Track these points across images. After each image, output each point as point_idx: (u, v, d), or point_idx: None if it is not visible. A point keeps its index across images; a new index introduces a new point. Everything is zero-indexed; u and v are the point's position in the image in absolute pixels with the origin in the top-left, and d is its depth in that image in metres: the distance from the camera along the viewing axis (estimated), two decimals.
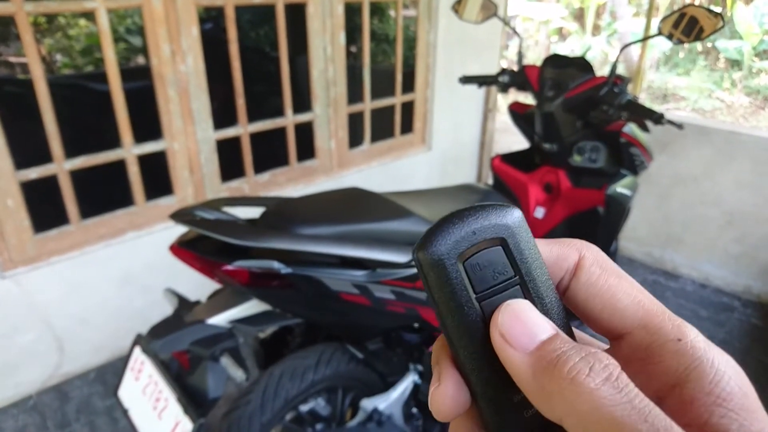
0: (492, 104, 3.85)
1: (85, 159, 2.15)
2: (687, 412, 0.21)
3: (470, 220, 0.25)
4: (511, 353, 0.23)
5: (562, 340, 0.23)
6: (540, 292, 0.26)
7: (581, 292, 0.26)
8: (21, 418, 2.11)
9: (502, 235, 0.25)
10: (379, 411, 1.58)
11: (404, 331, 1.62)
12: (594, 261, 0.26)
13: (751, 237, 2.86)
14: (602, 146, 1.87)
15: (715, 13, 1.50)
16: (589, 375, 0.21)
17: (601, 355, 0.21)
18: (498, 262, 0.25)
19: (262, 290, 1.33)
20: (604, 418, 0.20)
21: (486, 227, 0.25)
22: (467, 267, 0.25)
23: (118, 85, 2.15)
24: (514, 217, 0.26)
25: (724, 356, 0.23)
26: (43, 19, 4.71)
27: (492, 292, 0.25)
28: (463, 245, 0.25)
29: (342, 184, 2.84)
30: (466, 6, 1.94)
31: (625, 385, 0.20)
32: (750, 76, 8.86)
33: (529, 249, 0.26)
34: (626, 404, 0.20)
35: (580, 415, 0.20)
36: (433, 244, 0.25)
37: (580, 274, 0.26)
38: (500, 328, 0.24)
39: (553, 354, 0.22)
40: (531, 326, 0.23)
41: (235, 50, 2.44)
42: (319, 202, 1.52)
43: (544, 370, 0.22)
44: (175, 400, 1.30)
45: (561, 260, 0.27)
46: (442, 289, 0.25)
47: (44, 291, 2.15)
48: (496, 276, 0.25)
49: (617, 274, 0.26)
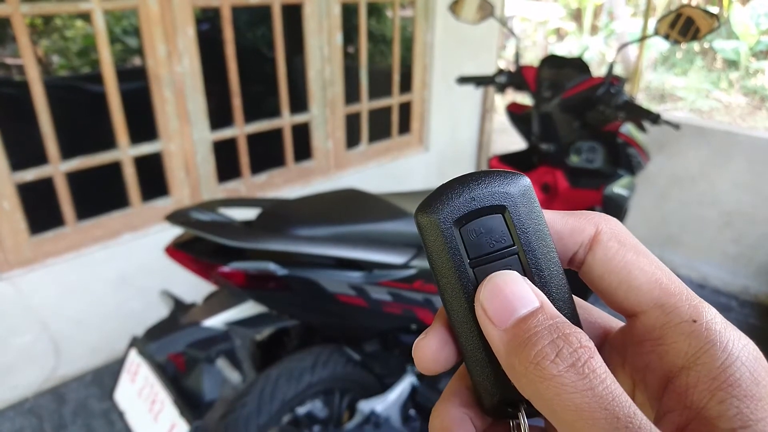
0: (489, 105, 3.85)
1: (81, 160, 2.14)
2: (689, 395, 0.21)
3: (472, 185, 0.25)
4: (489, 328, 0.23)
5: (544, 316, 0.22)
6: (539, 263, 0.25)
7: (597, 268, 0.25)
8: (17, 421, 2.10)
9: (504, 203, 0.25)
10: (376, 413, 1.58)
11: (401, 333, 1.62)
12: (612, 235, 0.25)
13: (748, 237, 2.87)
14: (599, 147, 1.87)
15: (711, 14, 1.50)
16: (554, 360, 0.20)
17: (573, 337, 0.21)
18: (496, 230, 0.25)
19: (258, 292, 1.32)
20: (565, 404, 0.20)
21: (487, 194, 0.25)
22: (463, 233, 0.25)
23: (114, 87, 2.14)
24: (519, 185, 0.26)
25: (741, 341, 0.22)
26: (40, 21, 4.69)
27: (487, 259, 0.25)
28: (461, 211, 0.25)
29: (339, 185, 2.84)
30: (463, 6, 1.94)
31: (591, 371, 0.20)
32: (747, 76, 8.87)
33: (531, 219, 0.25)
34: (587, 392, 0.20)
35: (543, 399, 0.21)
36: (431, 208, 0.25)
37: (597, 249, 0.25)
38: (481, 301, 0.24)
39: (525, 334, 0.22)
40: (512, 300, 0.23)
41: (232, 51, 2.44)
42: (316, 203, 1.51)
43: (514, 349, 0.22)
44: (171, 402, 1.30)
45: (576, 233, 0.26)
46: (436, 251, 0.25)
47: (40, 293, 2.14)
48: (493, 243, 0.25)
49: (636, 249, 0.25)
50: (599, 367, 0.20)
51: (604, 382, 0.20)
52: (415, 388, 1.66)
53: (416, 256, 1.39)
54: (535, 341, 0.21)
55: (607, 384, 0.20)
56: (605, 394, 0.19)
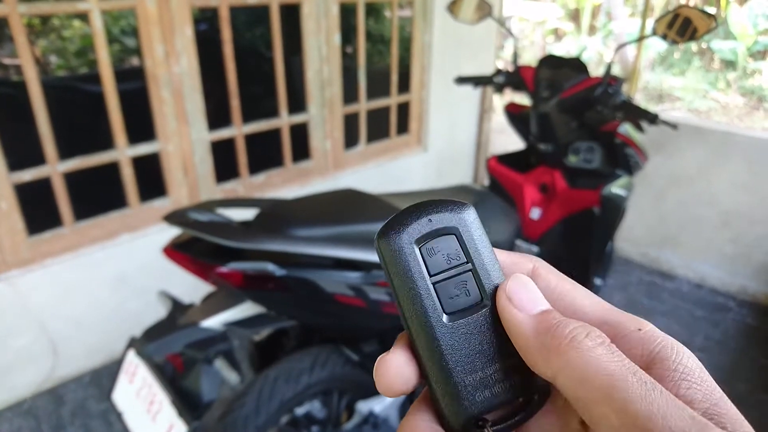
0: (488, 105, 3.85)
1: (78, 161, 2.14)
2: None
3: (426, 210, 0.28)
4: (516, 313, 0.26)
5: (558, 314, 0.26)
6: (490, 279, 0.28)
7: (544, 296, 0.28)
8: (16, 422, 2.10)
9: (456, 225, 0.28)
10: (374, 414, 1.58)
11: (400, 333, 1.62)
12: (549, 270, 0.29)
13: (746, 237, 2.87)
14: (597, 147, 1.87)
15: (709, 14, 1.50)
16: (588, 336, 0.24)
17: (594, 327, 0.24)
18: (452, 248, 0.28)
19: (256, 292, 1.32)
20: (599, 371, 0.22)
21: (441, 218, 0.28)
22: (423, 251, 0.27)
23: (112, 87, 2.14)
24: (469, 212, 0.28)
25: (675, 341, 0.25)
26: (37, 21, 4.69)
27: (445, 275, 0.27)
28: (419, 230, 0.27)
29: (337, 185, 2.84)
30: (461, 7, 1.94)
31: (616, 350, 0.23)
32: (744, 76, 8.89)
33: (481, 241, 0.28)
34: (619, 362, 0.22)
35: (576, 369, 0.23)
36: (392, 230, 0.27)
37: (538, 281, 0.28)
38: (507, 291, 0.27)
39: (553, 320, 0.25)
40: (536, 295, 0.27)
41: (230, 51, 2.44)
42: (314, 203, 1.51)
43: (546, 330, 0.25)
44: (169, 403, 1.30)
45: (517, 267, 0.29)
46: (399, 270, 0.27)
47: (38, 293, 2.14)
48: (450, 260, 0.28)
49: (571, 282, 0.28)
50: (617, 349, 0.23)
51: (626, 359, 0.23)
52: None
53: None
54: (567, 323, 0.24)
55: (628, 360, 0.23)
56: (630, 366, 0.22)
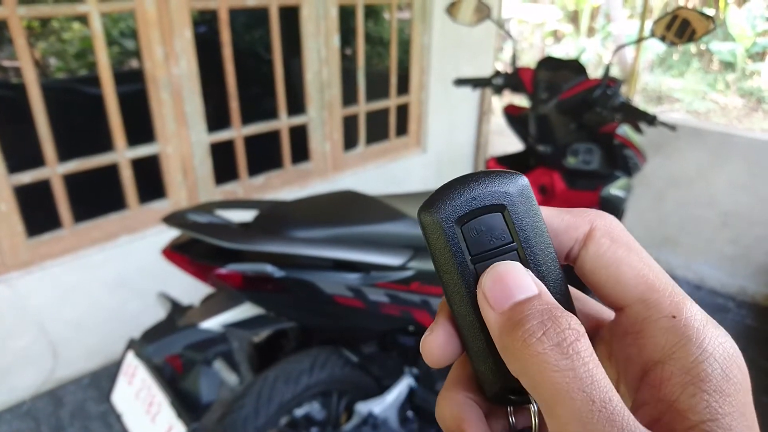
0: (487, 106, 3.86)
1: (78, 163, 2.14)
2: (662, 388, 0.22)
3: (472, 185, 0.26)
4: (487, 311, 0.24)
5: (540, 302, 0.23)
6: (537, 259, 0.26)
7: (589, 263, 0.26)
8: (15, 424, 2.10)
9: (503, 202, 0.26)
10: (374, 415, 1.58)
11: (399, 335, 1.62)
12: (605, 232, 0.26)
13: (745, 238, 2.87)
14: (596, 148, 1.87)
15: (707, 16, 1.50)
16: (540, 338, 0.21)
17: (563, 320, 0.22)
18: (497, 227, 0.26)
19: (255, 294, 1.32)
20: (546, 381, 0.21)
21: (487, 193, 0.26)
22: (465, 231, 0.26)
23: (112, 89, 2.14)
24: (518, 184, 0.27)
25: (719, 338, 0.23)
26: (37, 23, 4.69)
27: (488, 255, 0.26)
28: (462, 210, 0.26)
29: (337, 187, 2.84)
30: (459, 9, 1.94)
31: (576, 352, 0.21)
32: (743, 78, 8.90)
33: (529, 217, 0.26)
34: (568, 372, 0.20)
35: (527, 375, 0.22)
36: (434, 207, 0.26)
37: (589, 245, 0.26)
38: (482, 287, 0.25)
39: (519, 315, 0.23)
40: (512, 287, 0.24)
41: (229, 53, 2.44)
42: (313, 204, 1.51)
43: (507, 330, 0.23)
44: (168, 404, 1.29)
45: (571, 230, 0.27)
46: (439, 249, 0.26)
47: (37, 295, 2.14)
48: (493, 240, 0.26)
49: (627, 246, 0.26)
50: (584, 350, 0.21)
51: (587, 365, 0.21)
52: (412, 389, 1.66)
53: (413, 258, 1.39)
54: (525, 321, 0.22)
55: (588, 367, 0.20)
56: (585, 377, 0.20)
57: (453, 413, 0.26)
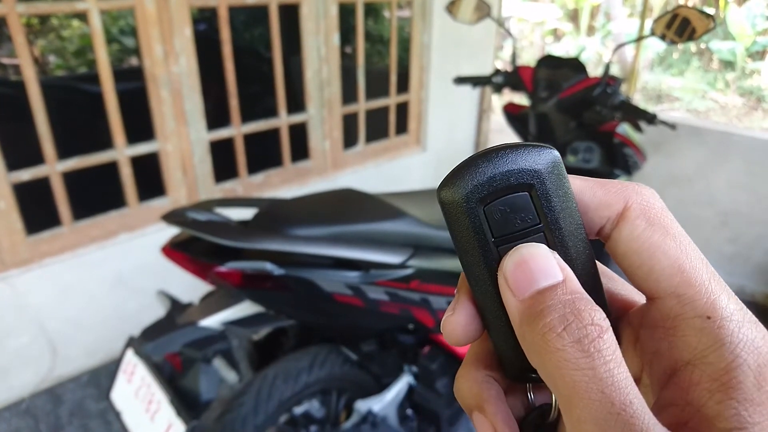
0: (487, 105, 3.86)
1: (77, 160, 2.14)
2: (691, 392, 0.21)
3: (497, 162, 0.24)
4: (509, 297, 0.23)
5: (564, 291, 0.22)
6: (564, 241, 0.24)
7: (621, 245, 0.24)
8: (14, 422, 2.10)
9: (530, 181, 0.24)
10: (373, 413, 1.58)
11: (399, 333, 1.62)
12: (641, 212, 0.24)
13: (744, 237, 2.88)
14: (596, 147, 1.87)
15: (707, 14, 1.50)
16: (560, 334, 0.20)
17: (586, 314, 0.21)
18: (523, 208, 0.24)
19: (254, 292, 1.32)
20: (564, 379, 0.20)
21: (513, 171, 0.24)
22: (487, 211, 0.24)
23: (111, 87, 2.14)
24: (547, 160, 0.24)
25: (755, 342, 0.21)
26: (36, 20, 4.68)
27: (513, 237, 0.24)
28: (485, 190, 0.24)
29: (336, 185, 2.84)
30: (459, 7, 1.94)
31: (597, 350, 0.20)
32: (743, 77, 8.90)
33: (559, 196, 0.24)
34: (588, 371, 0.19)
35: (545, 370, 0.21)
36: (455, 186, 0.24)
37: (623, 226, 0.24)
38: (504, 271, 0.23)
39: (539, 305, 0.22)
40: (535, 272, 0.23)
41: (229, 51, 2.44)
42: (312, 203, 1.51)
43: (527, 319, 0.22)
44: (167, 402, 1.30)
45: (602, 207, 0.25)
46: (459, 230, 0.25)
47: (37, 293, 2.13)
48: (518, 222, 0.24)
49: (665, 230, 0.24)
50: (606, 348, 0.20)
51: (608, 364, 0.20)
52: (412, 387, 1.66)
53: (413, 256, 1.39)
54: (547, 313, 0.21)
55: (609, 367, 0.20)
56: (606, 377, 0.19)
57: (472, 391, 0.26)
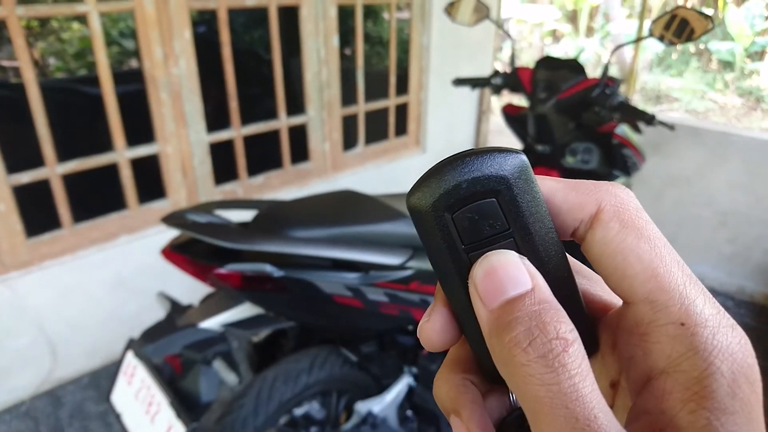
0: (486, 106, 3.86)
1: (77, 163, 2.14)
2: (664, 401, 0.21)
3: (463, 169, 0.24)
4: (479, 307, 0.23)
5: (532, 300, 0.21)
6: (535, 246, 0.24)
7: (595, 248, 0.24)
8: (14, 424, 2.10)
9: (497, 187, 0.24)
10: (373, 414, 1.58)
11: (398, 334, 1.62)
12: (615, 214, 0.23)
13: (744, 237, 2.88)
14: (595, 147, 1.87)
15: (706, 15, 1.51)
16: (525, 349, 0.20)
17: (551, 327, 0.20)
18: (491, 214, 0.24)
19: (254, 293, 1.32)
20: (530, 394, 0.20)
21: (479, 178, 0.23)
22: (456, 219, 0.24)
23: (111, 89, 2.14)
24: (513, 165, 0.24)
25: (730, 348, 0.21)
26: (36, 23, 4.69)
27: (482, 243, 0.24)
28: (452, 197, 0.24)
29: (336, 187, 2.84)
30: (458, 9, 1.94)
31: (561, 365, 0.19)
32: (742, 77, 8.91)
33: (527, 201, 0.24)
34: (553, 386, 0.19)
35: (513, 383, 0.21)
36: (422, 193, 0.24)
37: (597, 228, 0.24)
38: (474, 279, 0.23)
39: (507, 317, 0.21)
40: (504, 281, 0.22)
41: (228, 53, 2.44)
42: (312, 204, 1.52)
43: (495, 331, 0.22)
44: (167, 404, 1.30)
45: (575, 209, 0.24)
46: (429, 238, 0.25)
47: (37, 295, 2.14)
48: (487, 229, 0.24)
49: (639, 232, 0.23)
50: (571, 362, 0.20)
51: (572, 378, 0.19)
52: (412, 388, 1.66)
53: (412, 257, 1.39)
54: (513, 325, 0.21)
55: (574, 381, 0.19)
56: (570, 392, 0.19)
57: (450, 394, 0.26)
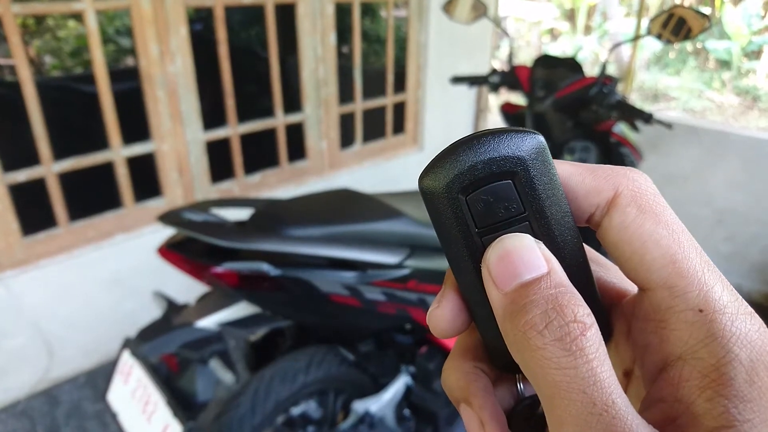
0: (484, 104, 3.86)
1: (73, 161, 2.13)
2: (680, 389, 0.21)
3: (479, 149, 0.23)
4: (492, 290, 0.22)
5: (547, 284, 0.21)
6: (551, 230, 0.24)
7: (612, 234, 0.23)
8: (10, 423, 2.09)
9: (513, 169, 0.23)
10: (370, 413, 1.58)
11: (396, 333, 1.62)
12: (632, 199, 0.23)
13: (741, 236, 2.88)
14: (593, 146, 1.87)
15: (703, 14, 1.51)
16: (542, 332, 0.20)
17: (568, 309, 0.20)
18: (506, 196, 0.23)
19: (251, 292, 1.32)
20: (546, 378, 0.19)
21: (495, 159, 0.23)
22: (470, 201, 0.23)
23: (107, 87, 2.13)
24: (531, 146, 0.23)
25: (749, 335, 0.20)
26: (32, 21, 4.67)
27: (497, 227, 0.23)
28: (467, 179, 0.23)
29: (333, 185, 2.84)
30: (456, 6, 1.94)
31: (579, 349, 0.19)
32: (739, 76, 8.93)
33: (543, 183, 0.23)
34: (570, 370, 0.19)
35: (527, 368, 0.20)
36: (435, 175, 0.23)
37: (613, 214, 0.23)
38: (487, 263, 0.23)
39: (522, 300, 0.21)
40: (518, 264, 0.22)
41: (225, 51, 2.43)
42: (309, 203, 1.51)
43: (509, 315, 0.21)
44: (164, 403, 1.29)
45: (592, 194, 0.24)
46: (441, 221, 0.24)
47: (32, 294, 2.13)
48: (502, 211, 0.23)
49: (657, 217, 0.22)
50: (589, 346, 0.19)
51: (590, 363, 0.19)
52: (409, 388, 1.66)
53: (410, 256, 1.39)
54: (529, 309, 0.20)
55: (592, 366, 0.19)
56: (587, 376, 0.19)
57: (459, 383, 0.25)
